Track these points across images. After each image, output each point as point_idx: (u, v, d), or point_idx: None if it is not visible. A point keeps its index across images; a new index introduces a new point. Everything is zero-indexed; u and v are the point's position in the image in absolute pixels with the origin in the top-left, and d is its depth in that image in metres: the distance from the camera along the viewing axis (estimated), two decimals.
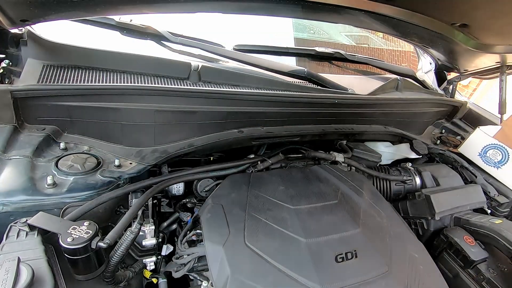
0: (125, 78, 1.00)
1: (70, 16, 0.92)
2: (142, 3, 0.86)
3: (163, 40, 1.16)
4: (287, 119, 1.13)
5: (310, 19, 1.49)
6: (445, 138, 1.44)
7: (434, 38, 1.18)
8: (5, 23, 0.79)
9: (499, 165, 1.20)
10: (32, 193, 0.68)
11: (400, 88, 1.47)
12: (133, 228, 0.71)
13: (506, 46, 1.10)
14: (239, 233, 0.77)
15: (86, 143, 0.88)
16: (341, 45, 1.83)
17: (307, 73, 1.24)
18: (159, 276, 0.85)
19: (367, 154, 1.21)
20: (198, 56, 1.18)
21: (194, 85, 1.06)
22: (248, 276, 0.68)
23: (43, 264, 0.56)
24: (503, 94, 1.41)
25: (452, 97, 1.62)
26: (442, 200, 1.07)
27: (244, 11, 1.05)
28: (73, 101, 0.85)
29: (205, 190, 0.98)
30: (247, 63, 1.18)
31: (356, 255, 0.76)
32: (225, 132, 1.02)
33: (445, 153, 1.32)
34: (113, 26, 1.10)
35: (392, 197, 1.19)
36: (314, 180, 0.99)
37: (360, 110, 1.25)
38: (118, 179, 0.79)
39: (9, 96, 0.78)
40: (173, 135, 0.96)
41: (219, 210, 0.84)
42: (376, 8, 0.95)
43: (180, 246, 0.84)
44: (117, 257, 0.69)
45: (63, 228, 0.62)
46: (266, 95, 1.08)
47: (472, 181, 1.21)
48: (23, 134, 0.81)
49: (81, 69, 0.97)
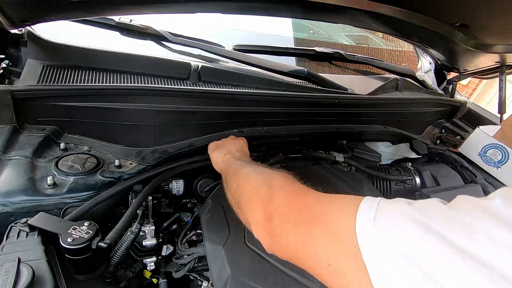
0: (125, 78, 0.99)
1: (70, 17, 0.91)
2: (142, 4, 0.86)
3: (163, 40, 1.16)
4: (287, 119, 1.13)
5: (310, 19, 1.49)
6: (445, 138, 1.44)
7: (434, 38, 1.18)
8: (5, 24, 0.79)
9: (499, 164, 1.20)
10: (32, 194, 0.68)
11: (400, 88, 1.47)
12: (133, 228, 0.71)
13: (506, 46, 1.10)
14: (239, 233, 0.77)
15: (86, 143, 0.88)
16: (340, 45, 1.83)
17: (307, 73, 1.24)
18: (159, 276, 0.85)
19: (367, 154, 1.21)
20: (198, 56, 1.18)
21: (194, 85, 1.06)
22: (249, 276, 0.68)
23: (43, 264, 0.56)
24: (503, 94, 1.41)
25: (451, 97, 1.62)
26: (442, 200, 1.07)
27: (244, 11, 1.05)
28: (73, 101, 0.85)
29: (205, 190, 0.98)
30: (247, 63, 1.18)
31: None
32: (225, 132, 1.02)
33: (445, 153, 1.33)
34: (113, 26, 1.09)
35: (392, 197, 1.19)
36: (314, 180, 0.98)
37: (360, 110, 1.25)
38: (118, 179, 0.79)
39: (9, 96, 0.78)
40: (173, 135, 0.96)
41: (219, 210, 0.84)
42: (376, 8, 0.95)
43: (180, 246, 0.84)
44: (118, 257, 0.69)
45: (64, 228, 0.62)
46: (266, 95, 1.08)
47: (472, 180, 1.21)
48: (23, 134, 0.81)
49: (81, 69, 0.97)
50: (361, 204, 0.37)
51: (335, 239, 0.37)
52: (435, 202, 0.34)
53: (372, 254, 0.32)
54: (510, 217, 0.27)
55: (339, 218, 0.38)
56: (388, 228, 0.33)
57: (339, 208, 0.40)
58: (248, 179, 0.56)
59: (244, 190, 0.55)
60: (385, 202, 0.37)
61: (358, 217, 0.35)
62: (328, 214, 0.40)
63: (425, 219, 0.31)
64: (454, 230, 0.28)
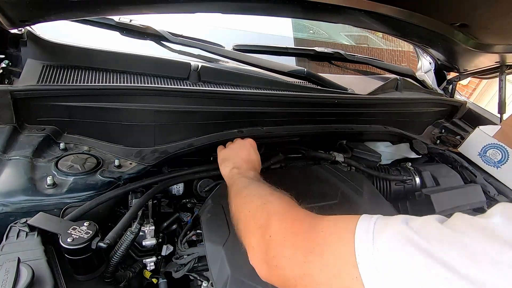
0: (125, 78, 0.99)
1: (70, 16, 0.91)
2: (142, 4, 0.86)
3: (162, 40, 1.16)
4: (287, 119, 1.13)
5: (310, 19, 1.49)
6: (444, 138, 1.44)
7: (434, 38, 1.18)
8: (5, 24, 0.79)
9: (499, 164, 1.20)
10: (32, 194, 0.68)
11: (400, 88, 1.47)
12: (133, 228, 0.71)
13: (506, 46, 1.10)
14: None
15: (86, 143, 0.88)
16: (340, 45, 1.83)
17: (306, 73, 1.24)
18: (159, 276, 0.85)
19: (367, 154, 1.21)
20: (198, 56, 1.18)
21: (194, 85, 1.06)
22: (248, 276, 0.68)
23: (43, 264, 0.56)
24: (503, 94, 1.41)
25: (451, 97, 1.62)
26: (442, 199, 1.07)
27: (244, 11, 1.05)
28: (73, 101, 0.85)
29: (205, 190, 0.98)
30: (247, 63, 1.18)
31: None
32: (225, 132, 1.02)
33: (445, 153, 1.33)
34: (113, 26, 1.09)
35: (392, 197, 1.19)
36: (314, 180, 0.99)
37: (360, 110, 1.25)
38: (118, 179, 0.79)
39: (9, 96, 0.77)
40: (173, 135, 0.96)
41: (219, 210, 0.84)
42: (376, 8, 0.95)
43: (180, 246, 0.84)
44: (117, 257, 0.69)
45: (63, 228, 0.62)
46: (266, 95, 1.08)
47: (472, 180, 1.21)
48: (23, 134, 0.81)
49: (81, 69, 0.97)
50: (358, 227, 0.36)
51: (334, 272, 0.36)
52: (433, 222, 0.33)
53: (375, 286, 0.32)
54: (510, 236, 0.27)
55: (337, 246, 0.37)
56: (387, 255, 0.32)
57: (336, 233, 0.39)
58: (246, 203, 0.56)
59: (241, 214, 0.55)
60: (382, 222, 0.36)
61: (356, 245, 0.34)
62: (326, 243, 0.39)
63: (424, 243, 0.30)
64: (454, 255, 0.28)
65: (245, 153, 0.79)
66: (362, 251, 0.34)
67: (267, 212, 0.49)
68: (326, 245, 0.38)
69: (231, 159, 0.78)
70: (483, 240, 0.28)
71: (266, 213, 0.49)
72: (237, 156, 0.78)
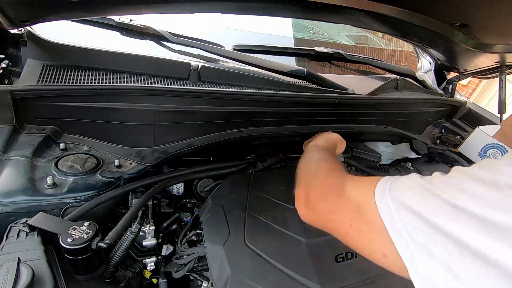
0: (125, 78, 0.99)
1: (70, 16, 0.91)
2: (142, 4, 0.86)
3: (162, 40, 1.16)
4: (287, 119, 1.13)
5: (310, 19, 1.48)
6: (444, 138, 1.44)
7: (434, 38, 1.18)
8: (5, 24, 0.79)
9: None
10: (32, 194, 0.68)
11: (400, 88, 1.47)
12: (133, 228, 0.71)
13: (506, 46, 1.10)
14: (239, 233, 0.77)
15: (86, 143, 0.88)
16: (340, 45, 1.83)
17: (306, 73, 1.24)
18: (159, 276, 0.85)
19: (367, 154, 1.21)
20: (198, 56, 1.18)
21: (194, 85, 1.06)
22: (248, 276, 0.68)
23: (43, 264, 0.56)
24: (503, 94, 1.41)
25: (451, 96, 1.62)
26: None
27: (244, 11, 1.05)
28: (73, 101, 0.85)
29: (205, 190, 0.98)
30: (247, 63, 1.18)
31: (356, 255, 0.76)
32: (225, 132, 1.02)
33: (445, 152, 1.33)
34: (113, 26, 1.09)
35: None
36: None
37: (360, 110, 1.25)
38: (118, 179, 0.79)
39: (9, 96, 0.77)
40: (173, 135, 0.96)
41: (219, 210, 0.84)
42: (376, 8, 0.95)
43: (180, 246, 0.84)
44: (117, 257, 0.69)
45: (63, 228, 0.62)
46: (266, 95, 1.08)
47: None
48: (22, 134, 0.81)
49: (81, 69, 0.97)
50: (380, 180, 0.47)
51: (356, 205, 0.48)
52: (438, 175, 0.43)
53: (387, 211, 0.41)
54: (481, 176, 0.37)
55: (360, 190, 0.49)
56: (399, 193, 0.42)
57: (363, 183, 0.51)
58: (305, 165, 0.72)
59: (300, 170, 0.70)
60: (400, 176, 0.47)
61: (377, 186, 0.45)
62: (352, 189, 0.51)
63: (431, 186, 0.41)
64: (451, 193, 0.38)
65: (325, 137, 0.91)
66: (379, 189, 0.45)
67: (314, 172, 0.65)
68: (353, 190, 0.51)
69: (314, 140, 0.91)
70: (466, 179, 0.38)
71: (313, 173, 0.65)
72: (318, 138, 0.91)
